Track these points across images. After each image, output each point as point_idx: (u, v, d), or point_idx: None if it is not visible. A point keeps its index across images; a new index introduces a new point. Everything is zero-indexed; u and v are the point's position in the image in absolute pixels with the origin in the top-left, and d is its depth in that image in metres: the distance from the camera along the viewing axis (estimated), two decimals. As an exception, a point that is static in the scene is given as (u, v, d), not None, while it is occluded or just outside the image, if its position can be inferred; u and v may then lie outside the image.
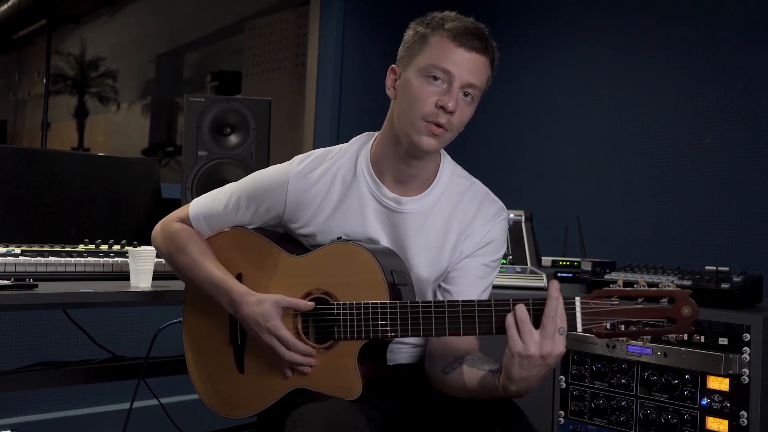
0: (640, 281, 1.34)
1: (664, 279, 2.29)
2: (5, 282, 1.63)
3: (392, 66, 1.59)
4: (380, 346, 1.56)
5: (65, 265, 1.88)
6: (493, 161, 3.79)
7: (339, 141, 1.76)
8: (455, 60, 1.48)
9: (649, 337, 1.34)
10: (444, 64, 1.48)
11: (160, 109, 6.07)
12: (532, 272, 2.62)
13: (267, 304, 1.52)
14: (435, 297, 1.65)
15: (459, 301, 1.43)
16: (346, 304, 1.49)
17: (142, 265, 1.84)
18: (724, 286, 2.17)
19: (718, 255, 2.98)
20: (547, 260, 2.88)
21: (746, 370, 2.06)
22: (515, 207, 2.90)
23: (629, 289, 1.33)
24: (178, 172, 4.23)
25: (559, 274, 2.76)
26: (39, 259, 1.85)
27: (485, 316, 1.40)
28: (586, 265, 2.58)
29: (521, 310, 1.35)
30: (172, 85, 6.19)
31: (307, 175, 1.61)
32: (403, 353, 1.65)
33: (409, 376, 1.64)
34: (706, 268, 2.33)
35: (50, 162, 2.35)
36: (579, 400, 2.40)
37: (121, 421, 2.31)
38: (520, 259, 2.77)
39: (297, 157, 1.65)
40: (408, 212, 1.59)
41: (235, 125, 2.53)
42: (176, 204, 1.97)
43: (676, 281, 2.26)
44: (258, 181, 1.66)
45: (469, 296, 1.60)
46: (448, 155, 1.68)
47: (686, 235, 3.12)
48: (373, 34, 3.98)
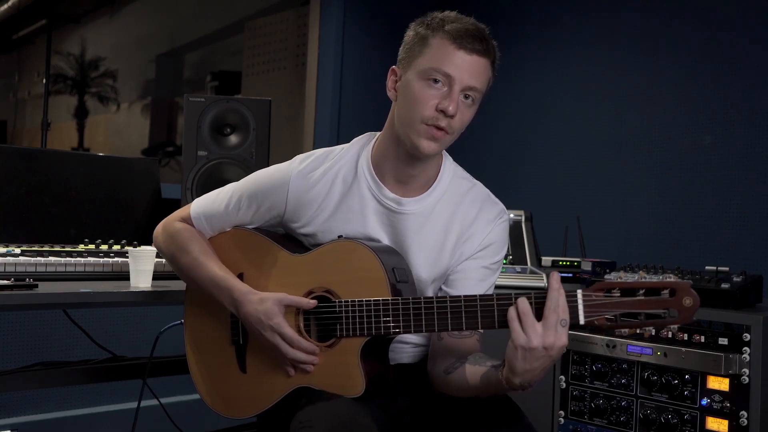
0: (641, 273, 1.34)
1: (666, 277, 2.29)
2: (5, 282, 1.63)
3: (393, 67, 1.58)
4: (383, 344, 1.56)
5: (65, 265, 1.88)
6: (493, 161, 3.79)
7: (339, 141, 1.76)
8: (456, 63, 1.47)
9: (652, 330, 1.34)
10: (444, 68, 1.47)
11: (160, 109, 6.07)
12: (532, 272, 2.62)
13: (269, 303, 1.51)
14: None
15: (461, 296, 1.43)
16: (348, 301, 1.49)
17: (142, 265, 1.84)
18: (724, 286, 2.17)
19: (718, 255, 2.97)
20: (547, 260, 2.88)
21: (746, 370, 2.06)
22: (515, 207, 2.90)
23: (630, 282, 1.34)
24: (178, 172, 4.23)
25: (559, 274, 2.75)
26: (39, 259, 1.85)
27: (487, 310, 1.40)
28: (586, 265, 2.58)
29: (523, 303, 1.35)
30: (172, 85, 6.19)
31: (308, 174, 1.61)
32: (405, 353, 1.65)
33: (411, 375, 1.64)
34: (706, 268, 2.33)
35: (50, 162, 2.35)
36: (579, 400, 2.40)
37: (121, 421, 2.31)
38: (520, 259, 2.77)
39: (298, 157, 1.65)
40: (408, 213, 1.59)
41: (235, 125, 2.53)
42: (176, 204, 1.98)
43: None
44: (259, 181, 1.66)
45: None
46: (449, 156, 1.67)
47: (686, 235, 3.12)
48: (373, 34, 3.98)
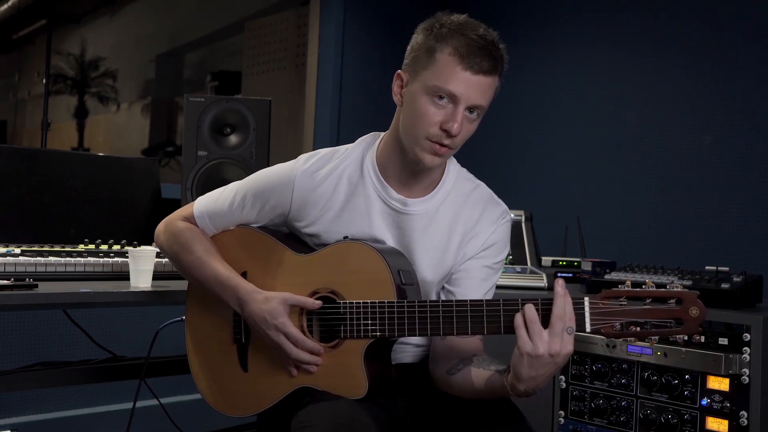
0: (648, 282, 1.34)
1: (668, 279, 2.29)
2: (5, 282, 1.63)
3: (398, 72, 1.55)
4: (386, 345, 1.56)
5: (65, 265, 1.87)
6: (494, 161, 3.79)
7: (339, 141, 1.76)
8: (461, 83, 1.45)
9: (657, 338, 1.34)
10: (450, 87, 1.45)
11: (160, 109, 6.07)
12: (532, 272, 2.62)
13: (274, 302, 1.51)
14: (439, 298, 1.65)
15: (467, 301, 1.42)
16: (352, 303, 1.49)
17: (142, 265, 1.84)
18: (724, 286, 2.18)
19: (718, 255, 2.97)
20: (547, 260, 2.88)
21: (746, 370, 2.06)
22: (515, 207, 2.89)
23: (637, 290, 1.33)
24: (178, 172, 4.23)
25: (559, 274, 2.75)
26: (39, 259, 1.85)
27: (494, 315, 1.40)
28: (586, 265, 2.58)
29: (530, 310, 1.34)
30: (172, 85, 6.19)
31: (313, 174, 1.61)
32: (407, 353, 1.65)
33: (413, 375, 1.64)
34: (706, 268, 2.33)
35: (50, 162, 2.35)
36: (579, 400, 2.40)
37: (120, 421, 2.31)
38: (520, 259, 2.77)
39: (302, 156, 1.65)
40: (413, 213, 1.59)
41: (235, 125, 2.53)
42: (176, 204, 1.97)
43: (677, 281, 2.26)
44: (264, 180, 1.65)
45: (472, 298, 1.59)
46: (453, 158, 1.67)
47: (686, 235, 3.12)
48: (373, 34, 3.97)
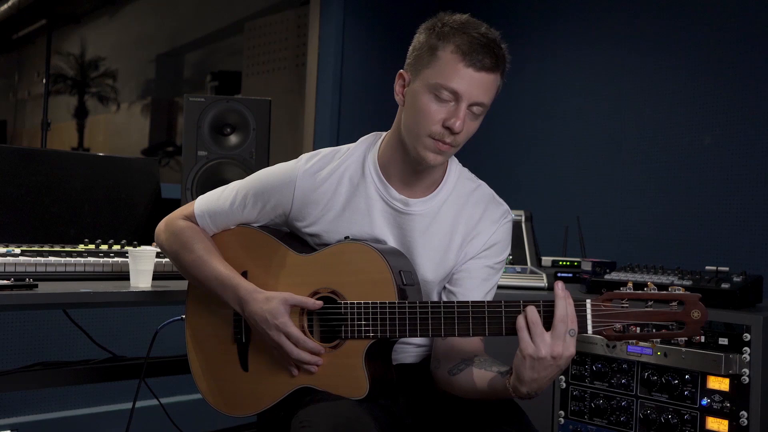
0: (649, 284, 1.34)
1: (668, 279, 2.29)
2: (5, 282, 1.63)
3: (400, 71, 1.56)
4: (387, 346, 1.56)
5: (65, 265, 1.88)
6: (494, 161, 3.79)
7: (339, 141, 1.76)
8: (464, 80, 1.45)
9: (659, 340, 1.34)
10: (452, 85, 1.45)
11: (160, 109, 6.06)
12: (532, 272, 2.62)
13: (275, 302, 1.51)
14: (440, 298, 1.65)
15: (469, 302, 1.42)
16: (353, 303, 1.49)
17: (142, 265, 1.84)
18: (724, 286, 2.17)
19: (718, 255, 2.98)
20: (547, 260, 2.88)
21: (746, 370, 2.06)
22: (515, 207, 2.88)
23: (639, 292, 1.33)
24: (178, 172, 4.23)
25: (559, 274, 2.76)
26: (39, 259, 1.85)
27: (495, 317, 1.40)
28: (586, 265, 2.58)
29: (532, 312, 1.34)
30: (172, 85, 6.19)
31: (314, 173, 1.61)
32: (408, 353, 1.65)
33: (413, 375, 1.64)
34: (706, 268, 2.33)
35: (50, 162, 2.35)
36: (579, 400, 2.40)
37: (120, 421, 2.31)
38: (520, 259, 2.76)
39: (304, 156, 1.65)
40: (415, 214, 1.59)
41: (235, 125, 2.53)
42: (176, 204, 1.97)
43: (676, 281, 2.26)
44: (265, 179, 1.65)
45: (474, 298, 1.60)
46: (455, 158, 1.67)
47: (686, 235, 3.12)
48: (373, 34, 3.98)
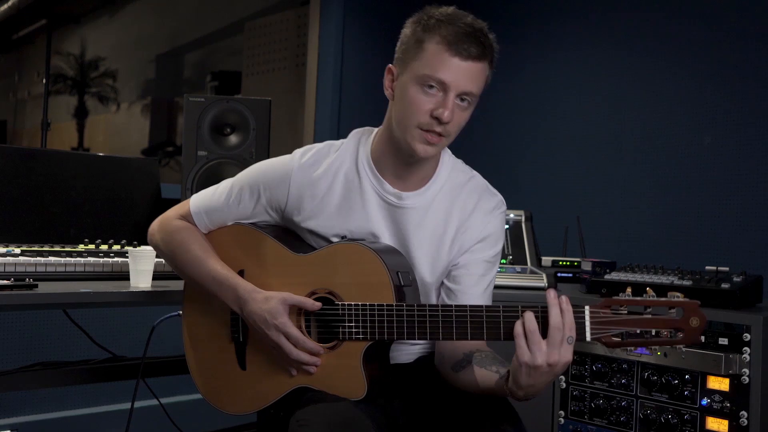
0: (648, 290, 1.34)
1: (668, 279, 2.29)
2: (5, 282, 1.63)
3: (389, 66, 1.57)
4: (384, 346, 1.56)
5: (65, 265, 1.88)
6: (493, 161, 3.79)
7: (339, 141, 1.75)
8: (451, 69, 1.46)
9: (658, 347, 1.34)
10: (439, 75, 1.46)
11: (160, 109, 6.06)
12: (532, 272, 2.62)
13: (274, 301, 1.51)
14: (439, 295, 1.65)
15: (467, 306, 1.42)
16: (351, 304, 1.49)
17: (142, 265, 1.84)
18: (724, 286, 2.17)
19: (718, 255, 2.98)
20: (547, 260, 2.88)
21: (746, 370, 2.06)
22: (515, 207, 2.90)
23: (638, 299, 1.33)
24: (178, 172, 4.23)
25: (559, 274, 2.76)
26: (39, 259, 1.85)
27: (493, 322, 1.40)
28: (586, 265, 2.58)
29: (530, 321, 1.34)
30: (172, 85, 6.18)
31: (309, 168, 1.61)
32: (403, 352, 1.65)
33: (408, 375, 1.64)
34: (706, 268, 2.33)
35: (50, 162, 2.35)
36: (579, 400, 2.40)
37: (120, 421, 2.31)
38: (520, 259, 2.76)
39: (298, 151, 1.64)
40: (409, 207, 1.59)
41: (235, 125, 2.53)
42: (176, 204, 1.97)
43: (676, 281, 2.26)
44: (260, 173, 1.65)
45: (473, 294, 1.60)
46: (448, 150, 1.67)
47: (686, 235, 3.12)
48: (373, 34, 3.98)
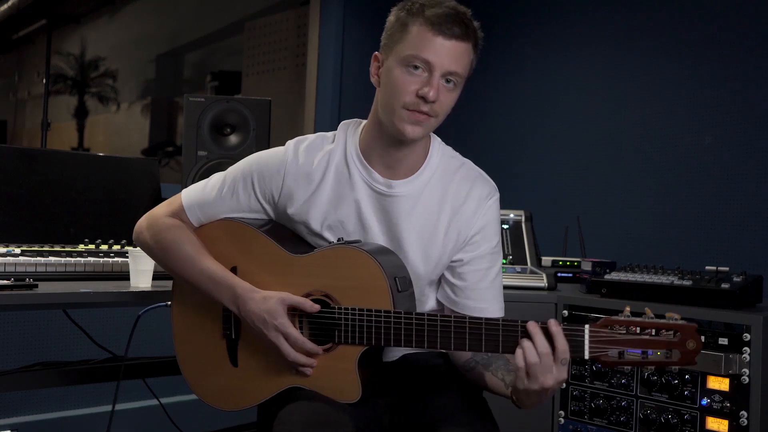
0: (647, 311, 1.37)
1: (669, 280, 2.29)
2: (5, 282, 1.63)
3: (375, 53, 1.59)
4: (379, 351, 1.56)
5: (65, 265, 1.88)
6: (493, 161, 3.77)
7: (339, 141, 1.75)
8: (435, 49, 1.47)
9: (653, 368, 1.37)
10: (423, 54, 1.48)
11: (160, 109, 6.06)
12: (532, 272, 2.62)
13: (272, 302, 1.50)
14: (439, 285, 1.65)
15: (466, 317, 1.42)
16: (348, 309, 1.48)
17: (142, 265, 1.84)
18: (724, 286, 2.17)
19: (718, 255, 2.98)
20: (547, 260, 2.88)
21: (746, 370, 2.06)
22: (515, 207, 2.90)
23: (637, 320, 1.36)
24: (178, 172, 4.23)
25: (559, 274, 2.76)
26: (39, 259, 1.85)
27: (492, 335, 1.40)
28: (586, 265, 2.58)
29: (531, 354, 1.35)
30: (172, 85, 6.19)
31: (303, 160, 1.61)
32: (391, 351, 1.65)
33: (394, 373, 1.63)
34: (706, 268, 2.33)
35: (50, 162, 2.35)
36: (579, 400, 2.40)
37: (121, 421, 2.31)
38: (520, 259, 2.76)
39: (290, 142, 1.64)
40: (399, 195, 1.59)
41: (235, 125, 2.53)
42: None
43: (676, 281, 2.26)
44: (254, 165, 1.64)
45: (481, 288, 1.62)
46: (437, 137, 1.67)
47: (686, 235, 3.12)
48: (373, 34, 3.93)
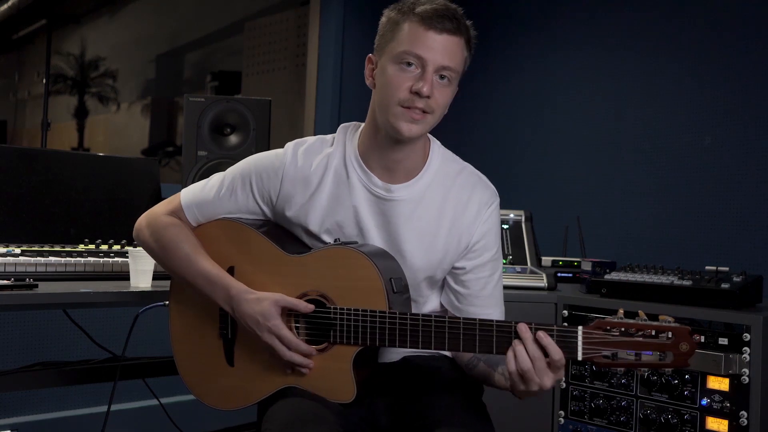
0: (641, 313, 1.37)
1: (669, 279, 2.29)
2: (5, 282, 1.63)
3: (369, 56, 1.59)
4: (374, 351, 1.56)
5: (65, 265, 1.88)
6: (493, 161, 3.79)
7: (339, 141, 1.75)
8: (427, 44, 1.48)
9: (648, 370, 1.36)
10: (415, 50, 1.48)
11: (160, 109, 6.06)
12: (532, 272, 2.62)
13: (266, 303, 1.50)
14: (442, 289, 1.65)
15: (460, 319, 1.42)
16: (343, 309, 1.48)
17: (142, 265, 1.84)
18: (724, 286, 2.17)
19: (718, 255, 2.98)
20: (547, 260, 2.88)
21: (746, 370, 2.06)
22: (515, 207, 2.90)
23: (631, 322, 1.36)
24: (178, 172, 4.23)
25: (559, 274, 2.76)
26: (39, 259, 1.85)
27: (486, 337, 1.40)
28: (586, 265, 2.58)
29: (525, 362, 1.35)
30: (172, 85, 6.19)
31: (302, 164, 1.61)
32: (392, 351, 1.65)
33: (394, 374, 1.63)
34: (706, 268, 2.33)
35: (50, 162, 2.35)
36: (579, 400, 2.40)
37: (121, 421, 2.31)
38: (520, 259, 2.76)
39: (290, 145, 1.64)
40: (398, 200, 1.59)
41: (235, 125, 2.54)
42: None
43: (676, 281, 2.26)
44: (252, 166, 1.65)
45: (484, 295, 1.62)
46: (437, 141, 1.66)
47: (686, 235, 3.12)
48: (373, 35, 3.95)
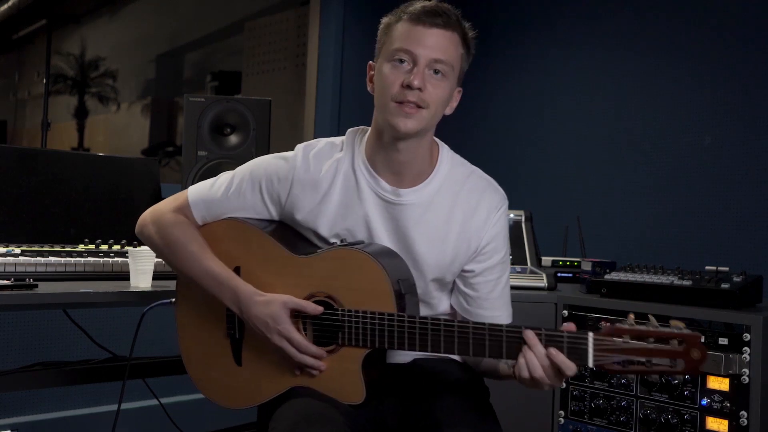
0: (651, 318, 1.37)
1: (669, 279, 2.29)
2: (5, 282, 1.63)
3: (369, 63, 1.62)
4: (383, 352, 1.56)
5: (65, 265, 1.88)
6: (493, 161, 3.77)
7: (339, 141, 1.75)
8: (417, 39, 1.50)
9: (658, 377, 1.35)
10: (406, 46, 1.50)
11: (160, 109, 6.06)
12: (532, 272, 2.62)
13: (275, 305, 1.50)
14: (452, 291, 1.66)
15: (469, 322, 1.42)
16: (351, 311, 1.48)
17: (142, 265, 1.84)
18: (724, 286, 2.17)
19: (718, 255, 2.98)
20: (547, 260, 2.88)
21: (746, 370, 2.06)
22: (515, 207, 2.89)
23: (641, 328, 1.35)
24: (178, 172, 4.23)
25: (559, 274, 2.76)
26: (39, 259, 1.85)
27: (495, 341, 1.40)
28: (586, 265, 2.58)
29: (536, 370, 1.36)
30: (172, 85, 6.19)
31: (312, 168, 1.61)
32: (400, 353, 1.64)
33: (404, 375, 1.63)
34: (706, 268, 2.33)
35: (50, 162, 2.35)
36: (579, 400, 2.40)
37: (121, 422, 2.31)
38: (520, 259, 2.76)
39: (300, 147, 1.64)
40: (407, 204, 1.59)
41: (235, 125, 2.53)
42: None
43: (676, 281, 2.26)
44: (262, 168, 1.64)
45: (492, 298, 1.63)
46: (446, 145, 1.67)
47: (686, 235, 3.12)
48: (373, 35, 3.95)
